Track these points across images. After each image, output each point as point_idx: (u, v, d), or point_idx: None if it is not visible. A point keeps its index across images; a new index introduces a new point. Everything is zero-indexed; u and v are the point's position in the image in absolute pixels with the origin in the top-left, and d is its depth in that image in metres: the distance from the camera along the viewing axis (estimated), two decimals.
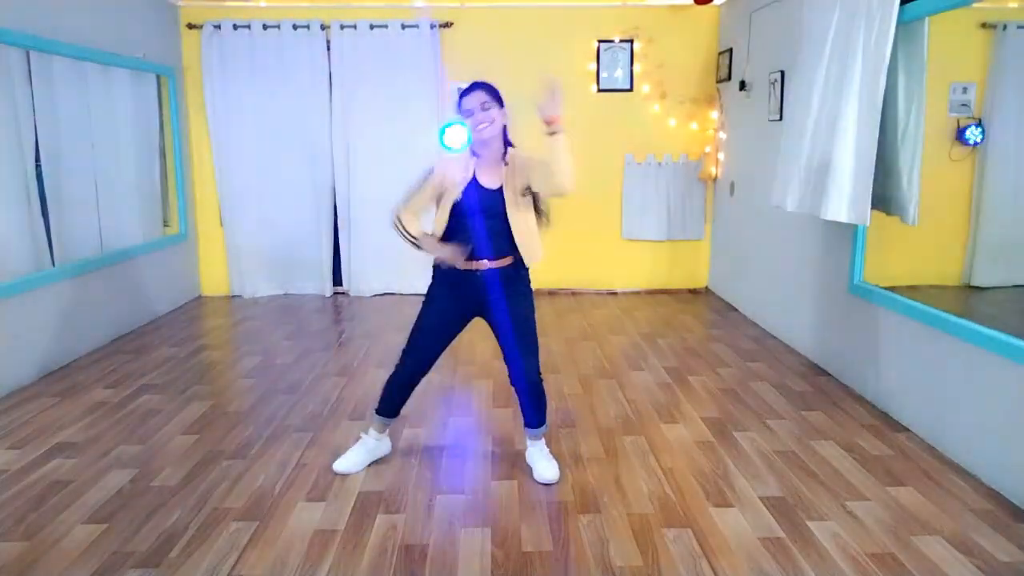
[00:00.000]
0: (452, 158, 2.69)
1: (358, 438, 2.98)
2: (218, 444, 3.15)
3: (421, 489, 2.76)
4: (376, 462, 2.96)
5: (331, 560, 2.31)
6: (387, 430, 3.00)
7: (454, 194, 2.65)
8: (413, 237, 2.67)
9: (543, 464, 2.85)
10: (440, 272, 2.79)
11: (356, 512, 2.59)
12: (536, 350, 2.79)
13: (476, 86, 2.67)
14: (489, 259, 2.69)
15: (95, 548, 2.36)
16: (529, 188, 2.68)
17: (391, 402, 2.92)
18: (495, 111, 2.65)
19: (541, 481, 2.79)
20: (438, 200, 2.70)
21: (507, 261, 2.72)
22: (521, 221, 2.70)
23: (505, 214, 2.67)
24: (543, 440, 2.93)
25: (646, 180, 6.04)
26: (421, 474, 2.89)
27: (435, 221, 2.71)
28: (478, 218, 2.65)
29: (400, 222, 2.69)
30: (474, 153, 2.70)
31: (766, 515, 2.56)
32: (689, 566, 2.27)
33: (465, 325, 2.87)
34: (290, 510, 2.60)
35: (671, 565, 2.28)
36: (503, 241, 2.69)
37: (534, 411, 2.86)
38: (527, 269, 2.81)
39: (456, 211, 2.66)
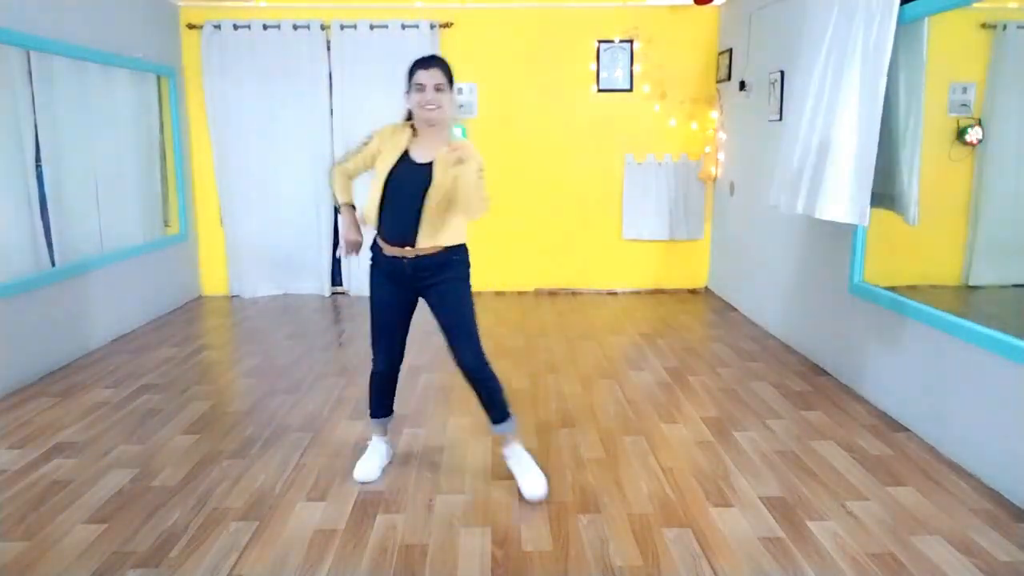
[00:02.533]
0: (393, 128, 2.63)
1: (366, 446, 2.96)
2: (218, 444, 3.15)
3: (421, 489, 2.76)
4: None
5: (331, 560, 2.31)
6: (387, 432, 2.98)
7: (386, 162, 2.55)
8: (335, 198, 2.69)
9: (527, 477, 2.68)
10: (374, 256, 2.71)
11: (356, 512, 2.59)
12: (474, 333, 2.65)
13: (435, 61, 2.53)
14: (412, 245, 2.56)
15: (95, 548, 2.36)
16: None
17: (379, 403, 2.88)
18: (446, 95, 2.53)
19: (528, 498, 2.64)
20: (376, 168, 2.61)
21: (432, 249, 2.57)
22: (448, 202, 2.55)
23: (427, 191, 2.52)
24: (519, 444, 2.78)
25: (646, 180, 6.04)
26: (421, 474, 2.89)
27: (369, 191, 2.59)
28: (403, 196, 2.53)
29: (331, 176, 2.70)
30: (413, 129, 2.61)
31: (766, 515, 2.56)
32: (689, 566, 2.27)
33: (413, 308, 2.76)
34: (290, 510, 2.60)
35: (671, 565, 2.28)
36: (428, 225, 2.55)
37: (487, 403, 2.70)
38: (464, 253, 2.66)
39: (387, 186, 2.55)
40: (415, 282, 2.65)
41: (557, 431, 3.29)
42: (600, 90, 5.94)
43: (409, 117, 2.65)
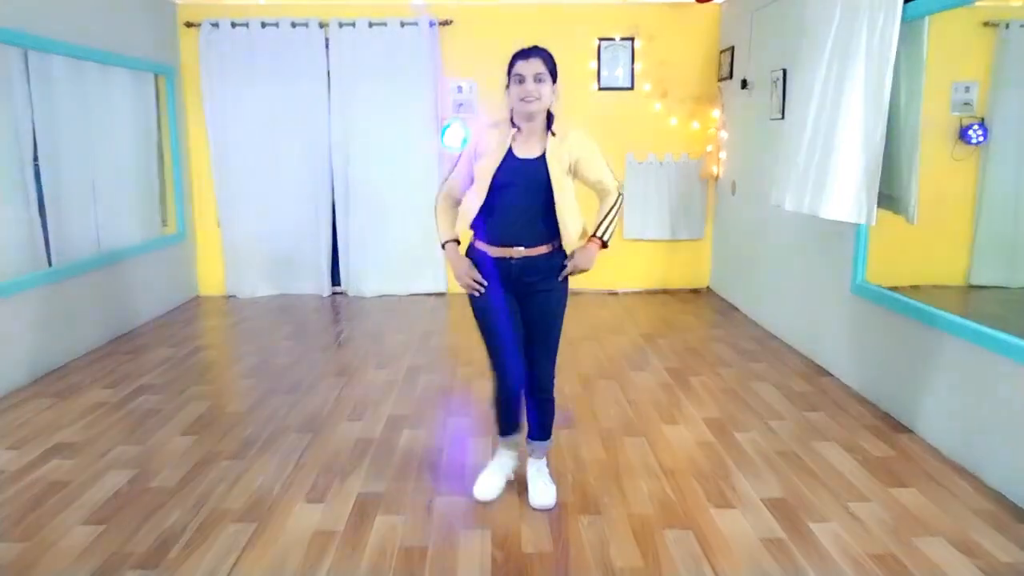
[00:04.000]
0: (489, 126, 2.50)
1: (491, 460, 2.79)
2: (217, 445, 3.14)
3: (421, 490, 2.75)
4: (375, 463, 2.94)
5: (330, 561, 2.30)
6: (516, 446, 2.76)
7: (489, 164, 2.42)
8: (440, 234, 2.54)
9: (541, 486, 2.65)
10: (477, 261, 2.53)
11: (355, 513, 2.58)
12: (554, 357, 2.63)
13: (535, 51, 2.42)
14: (524, 246, 2.45)
15: (93, 549, 2.34)
16: (573, 168, 2.49)
17: (508, 420, 2.67)
18: (547, 87, 2.43)
19: (536, 506, 2.60)
20: (475, 171, 2.49)
21: (544, 249, 2.47)
22: (565, 198, 2.44)
23: (549, 187, 2.41)
24: (545, 459, 2.75)
25: (647, 179, 6.02)
26: (421, 475, 2.87)
27: (474, 194, 2.46)
28: (514, 194, 2.42)
29: (436, 206, 2.56)
30: (514, 124, 2.47)
31: (767, 516, 2.55)
32: (690, 567, 2.26)
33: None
34: (289, 511, 2.59)
35: (672, 566, 2.27)
36: (541, 224, 2.44)
37: (540, 423, 2.68)
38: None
39: (493, 187, 2.42)
40: (519, 285, 2.51)
41: (557, 431, 3.27)
42: (601, 88, 5.93)
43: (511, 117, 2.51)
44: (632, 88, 5.93)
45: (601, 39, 5.86)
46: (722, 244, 5.96)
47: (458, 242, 2.59)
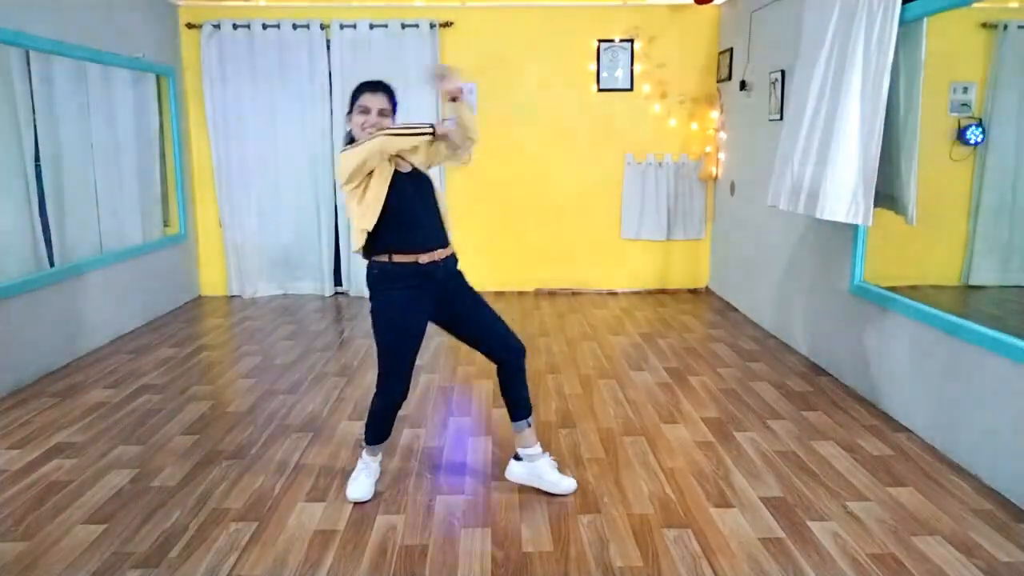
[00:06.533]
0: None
1: (357, 464, 2.77)
2: (218, 444, 3.15)
3: (421, 489, 2.76)
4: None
5: (331, 561, 2.30)
6: (380, 453, 2.78)
7: (383, 180, 2.44)
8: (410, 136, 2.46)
9: (557, 475, 2.70)
10: (391, 276, 2.51)
11: (356, 512, 2.59)
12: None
13: (381, 87, 2.58)
14: (443, 247, 2.58)
15: (95, 548, 2.35)
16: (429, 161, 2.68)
17: (379, 432, 2.68)
18: (388, 121, 2.56)
19: (558, 491, 2.67)
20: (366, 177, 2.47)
21: (451, 249, 2.64)
22: (443, 199, 2.67)
23: (433, 194, 2.61)
24: (538, 447, 2.74)
25: (646, 180, 6.03)
26: (421, 474, 2.88)
27: (366, 214, 2.44)
28: (415, 204, 2.52)
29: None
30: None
31: (766, 515, 2.56)
32: (689, 566, 2.27)
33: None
34: (290, 510, 2.60)
35: (671, 566, 2.28)
36: (441, 226, 2.61)
37: (522, 392, 2.68)
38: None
39: (392, 201, 2.45)
40: (445, 290, 2.60)
41: (557, 431, 3.29)
42: (600, 90, 5.94)
43: (350, 140, 2.57)
44: (631, 89, 5.94)
45: (600, 41, 5.87)
46: (721, 244, 5.97)
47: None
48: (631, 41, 5.88)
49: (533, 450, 2.72)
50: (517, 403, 2.72)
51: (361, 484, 2.69)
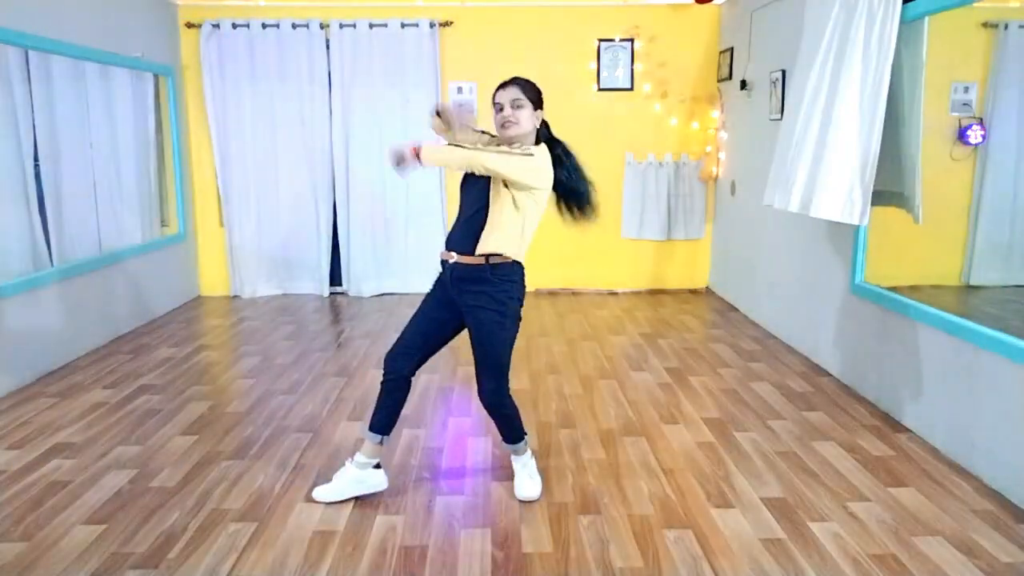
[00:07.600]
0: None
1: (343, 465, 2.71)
2: (217, 444, 3.14)
3: (421, 490, 2.75)
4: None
5: (330, 561, 2.30)
6: (379, 454, 2.69)
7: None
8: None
9: (525, 479, 2.70)
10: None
11: (355, 513, 2.58)
12: (496, 371, 2.56)
13: (513, 81, 2.62)
14: (457, 252, 2.52)
15: (94, 549, 2.35)
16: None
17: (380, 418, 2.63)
18: (525, 111, 2.55)
19: (520, 498, 2.65)
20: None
21: (474, 260, 2.48)
22: (497, 212, 2.46)
23: (487, 202, 2.47)
24: (528, 455, 2.75)
25: (646, 179, 6.03)
26: (421, 474, 2.88)
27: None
28: (465, 201, 2.56)
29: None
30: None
31: (767, 516, 2.55)
32: (690, 567, 2.26)
33: (450, 328, 2.64)
34: (289, 511, 2.59)
35: (672, 566, 2.27)
36: (475, 234, 2.47)
37: (502, 430, 2.71)
38: (508, 276, 2.51)
39: (462, 191, 2.60)
40: (456, 295, 2.56)
41: (557, 431, 3.28)
42: (600, 89, 5.93)
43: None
44: (632, 89, 5.94)
45: (601, 40, 5.87)
46: (722, 244, 5.96)
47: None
48: (631, 40, 5.87)
49: (515, 456, 2.76)
50: (499, 432, 2.75)
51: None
